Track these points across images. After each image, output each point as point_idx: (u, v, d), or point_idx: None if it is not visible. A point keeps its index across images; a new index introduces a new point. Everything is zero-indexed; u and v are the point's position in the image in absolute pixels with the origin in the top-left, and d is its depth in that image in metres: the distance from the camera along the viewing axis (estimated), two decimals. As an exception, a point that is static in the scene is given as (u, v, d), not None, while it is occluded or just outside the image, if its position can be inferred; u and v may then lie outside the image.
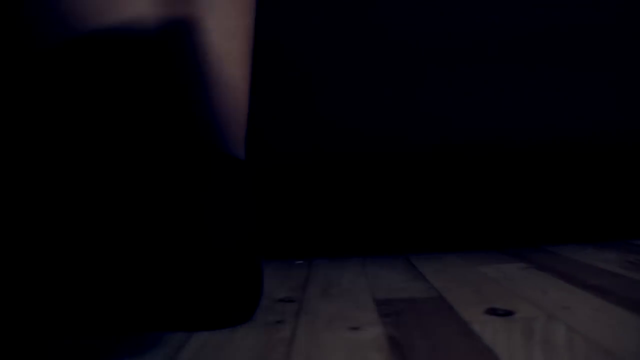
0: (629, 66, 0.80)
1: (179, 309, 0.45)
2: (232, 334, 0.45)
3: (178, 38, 0.49)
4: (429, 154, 0.79)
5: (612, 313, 0.46)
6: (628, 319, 0.44)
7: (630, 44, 0.80)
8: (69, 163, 0.47)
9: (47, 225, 0.46)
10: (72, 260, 0.46)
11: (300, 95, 0.77)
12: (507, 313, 0.47)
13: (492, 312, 0.48)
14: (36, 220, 0.46)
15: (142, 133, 0.50)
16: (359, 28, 0.78)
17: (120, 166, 0.49)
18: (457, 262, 0.71)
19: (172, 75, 0.49)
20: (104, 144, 0.61)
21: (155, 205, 0.46)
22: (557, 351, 0.38)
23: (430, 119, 0.79)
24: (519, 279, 0.60)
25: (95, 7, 0.50)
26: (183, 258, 0.46)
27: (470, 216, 0.81)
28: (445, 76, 0.79)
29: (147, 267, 0.46)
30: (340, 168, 0.78)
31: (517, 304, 0.50)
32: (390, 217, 0.80)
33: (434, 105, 0.79)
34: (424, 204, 0.80)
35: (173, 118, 0.49)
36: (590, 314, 0.46)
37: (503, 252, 0.77)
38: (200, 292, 0.46)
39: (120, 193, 0.47)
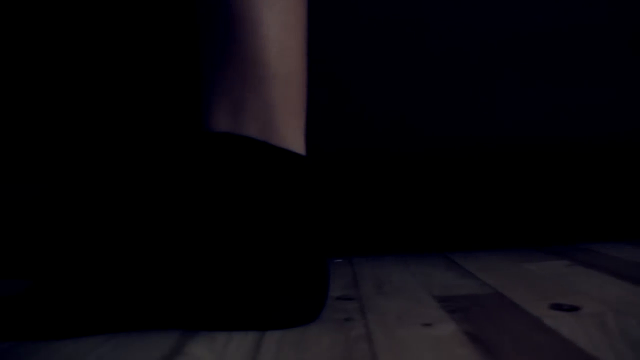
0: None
1: (252, 308, 0.45)
2: (305, 332, 0.45)
3: (237, 33, 0.49)
4: (464, 153, 0.79)
5: (678, 307, 0.47)
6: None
7: (630, 44, 0.81)
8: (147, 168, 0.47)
9: (131, 227, 0.46)
10: (148, 259, 0.46)
11: (334, 91, 0.77)
12: (573, 308, 0.47)
13: (558, 307, 0.48)
14: (122, 222, 0.46)
15: (202, 132, 0.50)
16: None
17: (184, 166, 0.49)
18: (499, 260, 0.71)
19: (232, 71, 0.49)
20: (168, 142, 0.61)
21: (223, 206, 0.47)
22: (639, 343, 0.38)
23: (467, 118, 0.79)
24: (569, 276, 0.60)
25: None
26: (254, 256, 0.46)
27: (506, 214, 0.81)
28: (488, 76, 0.80)
29: (220, 267, 0.46)
30: (376, 166, 0.78)
31: (579, 299, 0.50)
32: (427, 215, 0.80)
33: (471, 105, 0.79)
34: (460, 202, 0.80)
35: (234, 116, 0.49)
36: (657, 308, 0.47)
37: (540, 250, 0.78)
38: (274, 290, 0.46)
39: (189, 196, 0.47)
